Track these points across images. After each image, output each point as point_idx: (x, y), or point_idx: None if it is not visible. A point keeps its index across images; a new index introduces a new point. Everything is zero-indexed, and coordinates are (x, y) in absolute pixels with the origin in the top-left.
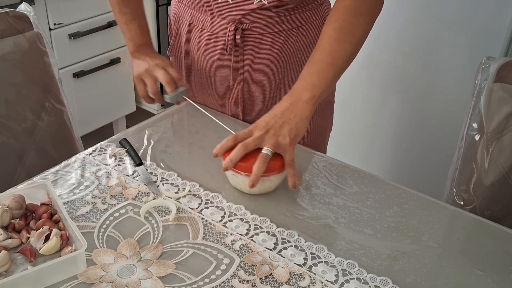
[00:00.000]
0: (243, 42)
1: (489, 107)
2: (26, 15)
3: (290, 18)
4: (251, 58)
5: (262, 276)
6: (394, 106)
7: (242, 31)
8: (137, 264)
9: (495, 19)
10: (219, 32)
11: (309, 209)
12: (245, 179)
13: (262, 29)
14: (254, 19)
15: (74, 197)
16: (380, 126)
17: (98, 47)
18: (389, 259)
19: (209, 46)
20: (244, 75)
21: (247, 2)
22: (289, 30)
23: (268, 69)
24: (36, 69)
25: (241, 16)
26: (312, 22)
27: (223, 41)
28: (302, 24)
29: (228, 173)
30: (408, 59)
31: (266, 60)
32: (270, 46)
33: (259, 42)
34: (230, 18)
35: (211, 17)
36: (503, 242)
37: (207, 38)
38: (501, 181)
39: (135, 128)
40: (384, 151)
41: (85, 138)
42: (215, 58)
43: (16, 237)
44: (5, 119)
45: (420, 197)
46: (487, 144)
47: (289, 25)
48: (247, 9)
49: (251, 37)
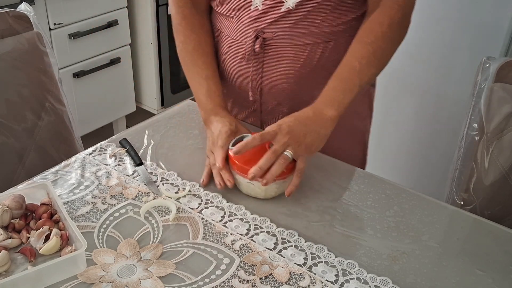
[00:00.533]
0: (264, 52)
1: (489, 107)
2: (26, 15)
3: (318, 32)
4: (271, 70)
5: (262, 276)
6: (394, 106)
7: (263, 40)
8: (137, 264)
9: (495, 19)
10: (240, 40)
11: (309, 209)
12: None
13: (285, 40)
14: (278, 29)
15: (74, 197)
16: (380, 126)
17: (98, 47)
18: (389, 259)
19: (230, 53)
20: (262, 86)
21: (275, 11)
22: (315, 44)
23: (288, 84)
24: (36, 69)
25: (265, 25)
26: (343, 38)
27: (244, 49)
28: (331, 39)
29: (241, 181)
30: (408, 59)
31: (286, 74)
32: (292, 60)
33: (280, 54)
34: (254, 25)
35: (236, 23)
36: (503, 242)
37: (229, 44)
38: (501, 181)
39: (135, 128)
40: (384, 151)
41: (85, 138)
42: (235, 66)
43: (16, 237)
44: (5, 119)
45: (420, 197)
46: (487, 144)
47: (316, 39)
48: (273, 17)
49: (272, 47)
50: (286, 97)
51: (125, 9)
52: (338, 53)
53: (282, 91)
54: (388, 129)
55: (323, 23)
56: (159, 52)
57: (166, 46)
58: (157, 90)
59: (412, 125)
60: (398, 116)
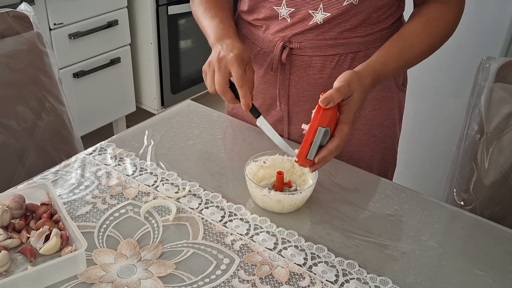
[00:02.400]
0: (290, 62)
1: (489, 107)
2: (26, 15)
3: (347, 42)
4: (297, 80)
5: (262, 276)
6: None
7: (290, 50)
8: (137, 264)
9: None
10: (267, 48)
11: (309, 209)
12: (277, 199)
13: (312, 50)
14: (305, 39)
15: (74, 197)
16: None
17: (98, 47)
18: (389, 259)
19: (256, 61)
20: (289, 95)
21: (303, 23)
22: (344, 55)
23: (315, 94)
24: (36, 69)
25: (292, 35)
26: (372, 48)
27: (270, 58)
28: (360, 50)
29: (256, 194)
30: None
31: (313, 84)
32: (319, 70)
33: (307, 64)
34: (280, 35)
35: (263, 32)
36: (503, 242)
37: (256, 52)
38: (501, 181)
39: (135, 128)
40: None
41: (85, 138)
42: (260, 75)
43: (16, 237)
44: (5, 119)
45: (420, 197)
46: (487, 144)
47: (345, 50)
48: (301, 28)
49: (298, 57)
50: (314, 105)
51: (125, 9)
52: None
53: (309, 100)
54: None
55: (353, 35)
56: (159, 52)
57: (166, 46)
58: (157, 90)
59: (412, 124)
60: None
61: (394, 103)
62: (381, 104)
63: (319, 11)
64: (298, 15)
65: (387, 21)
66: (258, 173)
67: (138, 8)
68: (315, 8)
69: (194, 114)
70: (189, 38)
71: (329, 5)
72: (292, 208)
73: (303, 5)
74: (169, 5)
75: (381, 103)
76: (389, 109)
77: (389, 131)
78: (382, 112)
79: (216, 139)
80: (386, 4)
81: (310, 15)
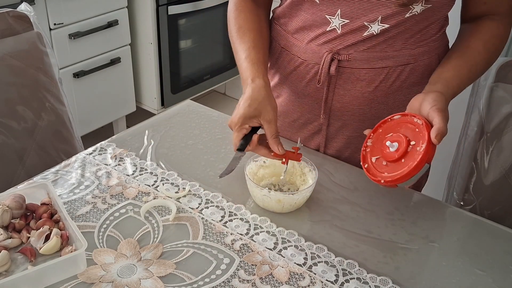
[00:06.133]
0: (337, 74)
1: (489, 107)
2: (26, 15)
3: (397, 54)
4: (343, 93)
5: (262, 276)
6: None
7: (339, 62)
8: (137, 263)
9: None
10: (310, 60)
11: (309, 209)
12: (277, 198)
13: (361, 63)
14: (354, 51)
15: (74, 197)
16: None
17: (98, 47)
18: (389, 259)
19: (296, 74)
20: (331, 109)
21: (356, 35)
22: (393, 67)
23: (359, 108)
24: (36, 69)
25: (341, 47)
26: (422, 61)
27: (314, 70)
28: (410, 62)
29: (257, 194)
30: None
31: (359, 96)
32: (367, 83)
33: (355, 77)
34: (328, 46)
35: (307, 43)
36: (503, 242)
37: (297, 64)
38: (501, 181)
39: (135, 128)
40: None
41: (85, 138)
42: (300, 87)
43: (16, 237)
44: (5, 119)
45: (420, 197)
46: (487, 144)
47: (394, 62)
48: (352, 40)
49: (347, 70)
50: (356, 119)
51: (125, 9)
52: (415, 76)
53: (353, 113)
54: None
55: (404, 46)
56: (159, 52)
57: (166, 46)
58: (157, 90)
59: None
60: None
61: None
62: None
63: (375, 22)
64: (351, 27)
65: (435, 33)
66: (258, 173)
67: (138, 8)
68: (372, 20)
69: (194, 114)
70: (189, 38)
71: (388, 17)
72: (292, 208)
73: (359, 17)
74: (169, 5)
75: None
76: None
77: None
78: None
79: (216, 139)
80: (442, 16)
81: (365, 26)
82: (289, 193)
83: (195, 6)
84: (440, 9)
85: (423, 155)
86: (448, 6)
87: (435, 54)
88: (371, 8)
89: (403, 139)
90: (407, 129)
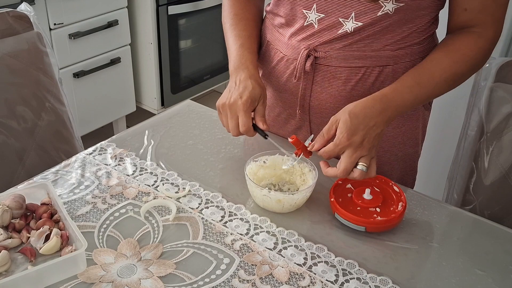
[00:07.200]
0: (314, 71)
1: (489, 107)
2: (26, 15)
3: (375, 54)
4: (320, 90)
5: (262, 276)
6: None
7: (315, 59)
8: (137, 263)
9: None
10: (290, 56)
11: (309, 209)
12: (277, 198)
13: (338, 61)
14: (332, 48)
15: (74, 197)
16: None
17: (98, 47)
18: (389, 259)
19: (278, 68)
20: (310, 106)
21: (332, 31)
22: (371, 68)
23: (337, 106)
24: (36, 69)
25: (318, 44)
26: (403, 63)
27: (293, 66)
28: (389, 64)
29: (257, 194)
30: None
31: (336, 95)
32: (344, 82)
33: (331, 75)
34: (306, 43)
35: (288, 38)
36: (503, 242)
37: (278, 59)
38: (501, 181)
39: (135, 128)
40: None
41: (85, 138)
42: (282, 81)
43: (16, 237)
44: (5, 119)
45: (420, 197)
46: (487, 144)
47: (372, 62)
48: (328, 37)
49: (323, 67)
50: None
51: (125, 9)
52: (394, 78)
53: (331, 110)
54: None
55: (383, 47)
56: (159, 52)
57: (166, 46)
58: (157, 90)
59: None
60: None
61: (418, 122)
62: (406, 122)
63: (350, 19)
64: (327, 22)
65: (419, 36)
66: (258, 173)
67: (138, 8)
68: (346, 16)
69: (194, 114)
70: (189, 38)
71: (361, 14)
72: (292, 208)
73: (333, 11)
74: (169, 5)
75: (406, 121)
76: (413, 127)
77: (411, 150)
78: (405, 131)
79: (216, 139)
80: (421, 17)
81: (340, 23)
82: (289, 193)
83: (195, 6)
84: (415, 10)
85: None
86: (426, 9)
87: (419, 58)
88: (344, 3)
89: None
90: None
